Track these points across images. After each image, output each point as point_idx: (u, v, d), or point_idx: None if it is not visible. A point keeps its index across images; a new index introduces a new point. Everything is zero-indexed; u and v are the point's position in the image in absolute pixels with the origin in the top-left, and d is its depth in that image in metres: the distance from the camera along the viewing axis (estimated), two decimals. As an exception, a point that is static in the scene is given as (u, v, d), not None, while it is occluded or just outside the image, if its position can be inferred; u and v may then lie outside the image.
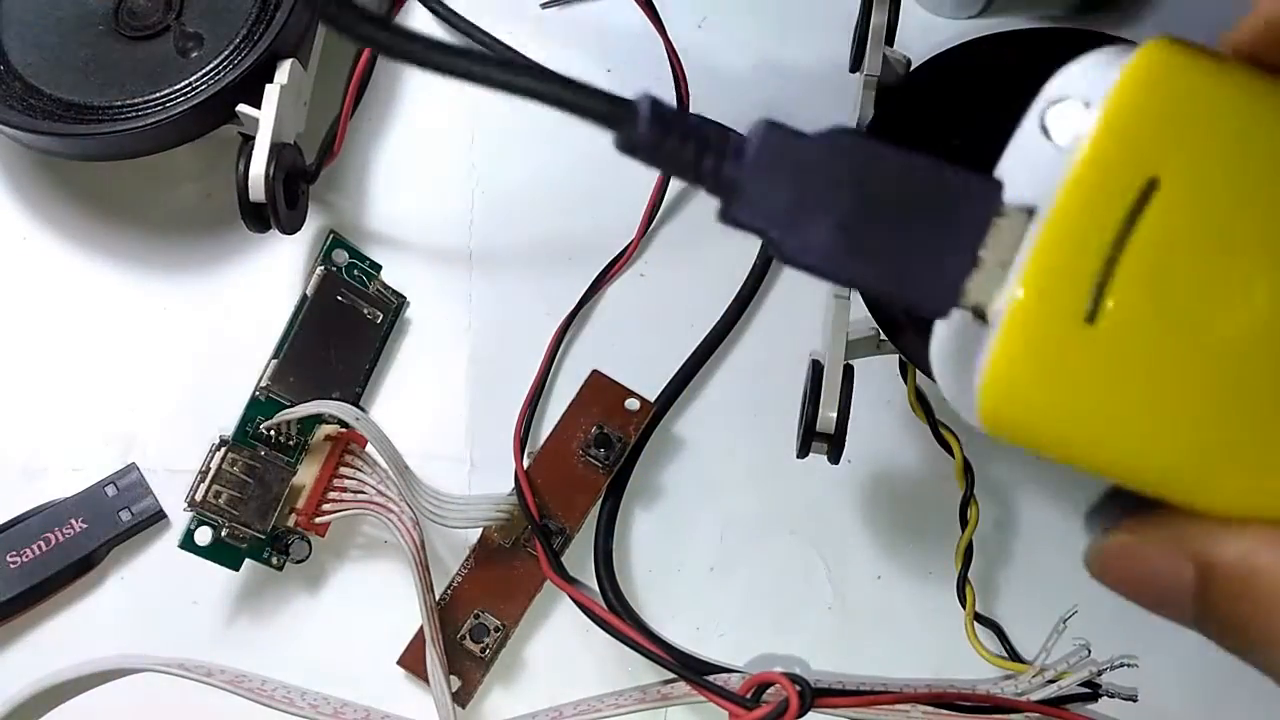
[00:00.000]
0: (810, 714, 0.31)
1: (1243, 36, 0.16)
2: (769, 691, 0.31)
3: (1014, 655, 0.34)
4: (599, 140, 0.44)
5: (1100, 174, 0.14)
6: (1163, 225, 0.14)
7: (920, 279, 0.15)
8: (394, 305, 0.37)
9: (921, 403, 0.33)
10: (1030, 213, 0.15)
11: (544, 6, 0.40)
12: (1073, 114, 0.15)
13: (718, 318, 0.37)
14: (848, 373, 0.31)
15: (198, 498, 0.32)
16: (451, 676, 0.34)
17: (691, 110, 0.37)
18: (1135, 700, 0.33)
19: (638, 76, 0.39)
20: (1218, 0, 0.39)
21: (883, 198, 0.15)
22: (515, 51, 0.39)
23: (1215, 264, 0.14)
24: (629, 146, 0.15)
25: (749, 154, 0.15)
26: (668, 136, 0.15)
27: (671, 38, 0.37)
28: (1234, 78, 0.15)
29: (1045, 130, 0.15)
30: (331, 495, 0.34)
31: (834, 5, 0.39)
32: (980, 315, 0.15)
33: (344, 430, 0.34)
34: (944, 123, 0.32)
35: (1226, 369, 0.14)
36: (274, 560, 0.34)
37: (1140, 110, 0.15)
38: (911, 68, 0.35)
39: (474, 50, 0.15)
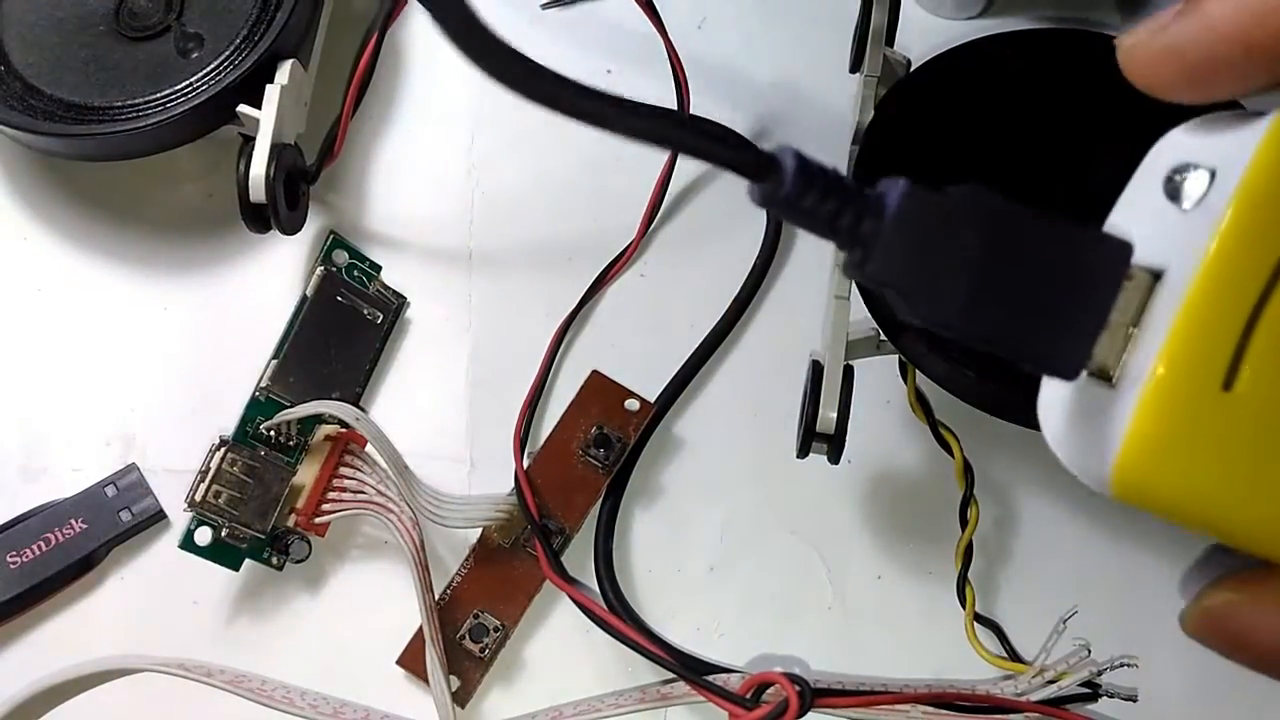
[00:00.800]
0: (810, 714, 0.31)
1: None
2: (769, 692, 0.31)
3: (1014, 655, 0.34)
4: (599, 141, 0.44)
5: (1241, 245, 0.15)
6: None
7: (1050, 340, 0.15)
8: (394, 305, 0.37)
9: (921, 403, 0.33)
10: (1156, 275, 0.15)
11: (544, 7, 0.40)
12: (1199, 181, 0.15)
13: (718, 318, 0.37)
14: (848, 373, 0.31)
15: (198, 498, 0.32)
16: (451, 676, 0.34)
17: (694, 111, 0.38)
18: (1135, 700, 0.32)
19: (638, 77, 0.39)
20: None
21: (1016, 257, 0.15)
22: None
23: None
24: (770, 200, 0.15)
25: (889, 211, 0.15)
26: (809, 191, 0.15)
27: (672, 38, 0.37)
28: None
29: (1172, 195, 0.15)
30: (331, 495, 0.34)
31: (834, 5, 0.39)
32: (1104, 377, 0.15)
33: (344, 430, 0.34)
34: (944, 123, 0.32)
35: None
36: (274, 560, 0.34)
37: (1277, 181, 0.15)
38: (911, 68, 0.35)
39: (616, 96, 0.15)
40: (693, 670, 0.33)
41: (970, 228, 0.15)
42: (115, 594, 0.35)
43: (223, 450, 0.33)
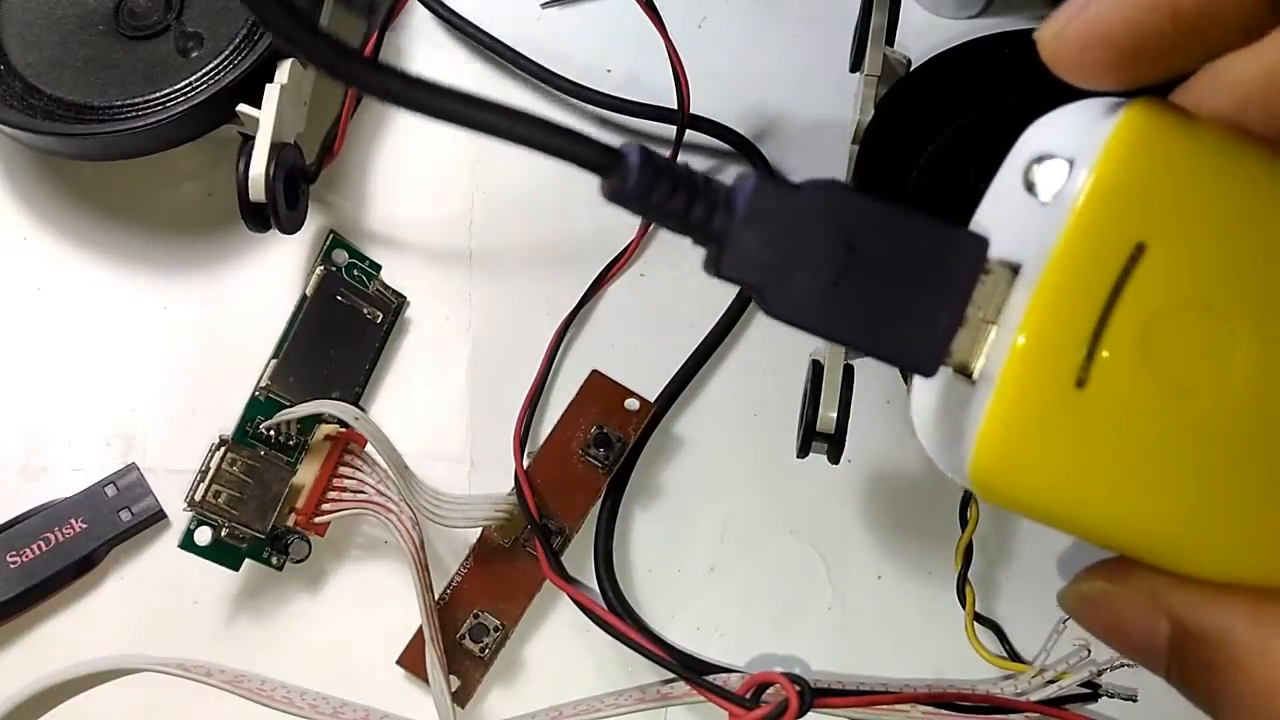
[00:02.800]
0: (810, 714, 0.31)
1: (1222, 104, 0.16)
2: (769, 691, 0.31)
3: (1014, 655, 0.34)
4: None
5: (1091, 238, 0.14)
6: (1149, 291, 0.14)
7: (907, 336, 0.15)
8: (394, 305, 0.37)
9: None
10: (1015, 269, 0.15)
11: (544, 6, 0.40)
12: (1058, 172, 0.15)
13: (718, 318, 0.37)
14: (848, 373, 0.31)
15: (197, 498, 0.32)
16: (451, 676, 0.34)
17: (693, 111, 0.38)
18: (1135, 700, 0.33)
19: (638, 76, 0.39)
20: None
21: (870, 252, 0.15)
22: (516, 52, 0.39)
23: (1200, 332, 0.14)
24: (617, 195, 0.15)
25: (739, 206, 0.15)
26: (656, 186, 0.15)
27: (672, 38, 0.37)
28: (1216, 142, 0.15)
29: (1029, 186, 0.15)
30: (331, 495, 0.34)
31: (834, 5, 0.39)
32: (965, 373, 0.15)
33: (344, 430, 0.34)
34: (944, 123, 0.32)
35: (1211, 437, 0.14)
36: (274, 560, 0.34)
37: (1128, 174, 0.14)
38: (911, 67, 0.35)
39: (463, 92, 0.15)
40: (693, 670, 0.33)
41: (823, 223, 0.15)
42: (115, 594, 0.35)
43: (223, 450, 0.33)
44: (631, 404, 0.36)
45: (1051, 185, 0.15)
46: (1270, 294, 0.14)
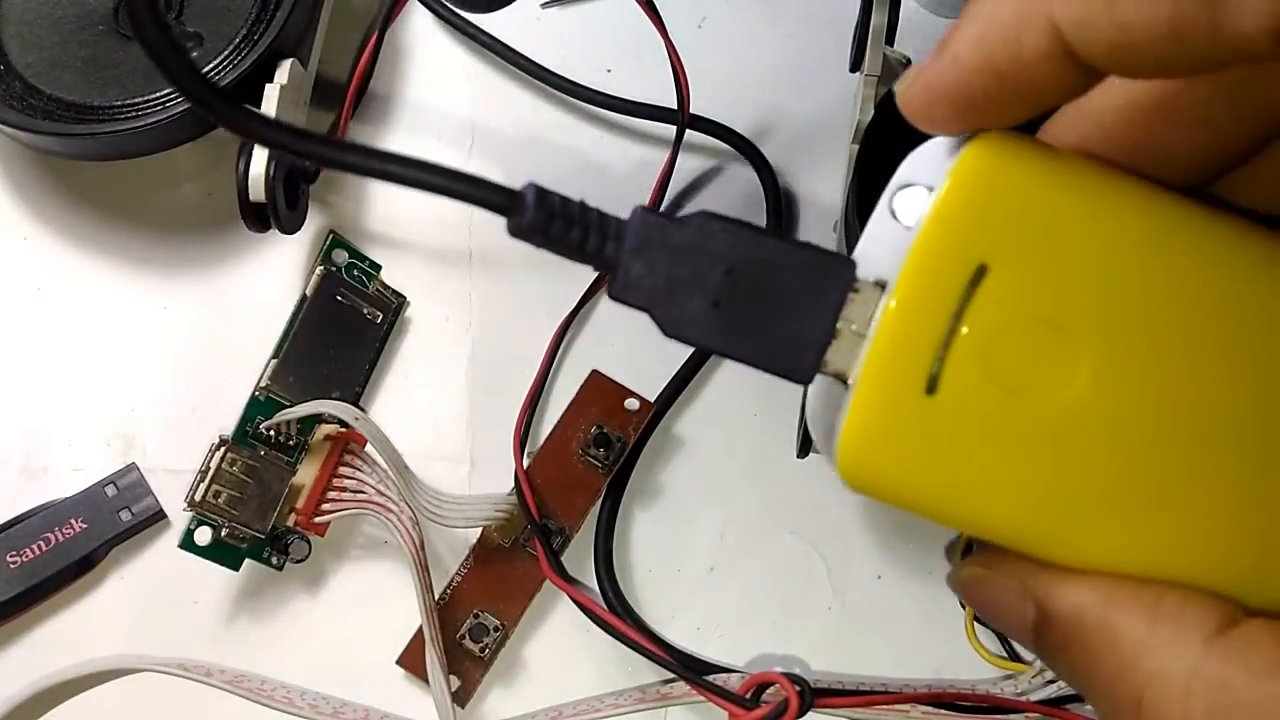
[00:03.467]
0: (810, 714, 0.31)
1: (1081, 135, 0.17)
2: (769, 691, 0.31)
3: (1014, 655, 0.34)
4: (600, 141, 0.44)
5: (935, 258, 0.16)
6: (992, 308, 0.16)
7: (786, 350, 0.16)
8: (394, 305, 0.37)
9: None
10: (882, 287, 0.16)
11: (544, 6, 0.40)
12: (917, 198, 0.16)
13: (718, 318, 0.37)
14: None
15: (197, 498, 0.32)
16: (451, 676, 0.34)
17: (693, 111, 0.38)
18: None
19: (638, 77, 0.39)
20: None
21: (748, 276, 0.16)
22: (516, 53, 0.39)
23: (1041, 344, 0.16)
24: (518, 231, 0.17)
25: (628, 238, 0.17)
26: (552, 222, 0.17)
27: (672, 38, 0.37)
28: (1059, 170, 0.16)
29: (894, 213, 0.16)
30: (331, 495, 0.34)
31: (834, 5, 0.39)
32: (842, 381, 0.16)
33: (344, 430, 0.34)
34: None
35: (1055, 439, 0.16)
36: (274, 560, 0.34)
37: (968, 201, 0.16)
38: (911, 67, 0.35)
39: (368, 147, 0.17)
40: (693, 670, 0.33)
41: (704, 251, 0.16)
42: (115, 594, 0.35)
43: (223, 450, 0.33)
44: (631, 404, 0.36)
45: (912, 211, 0.16)
46: (1111, 307, 0.16)
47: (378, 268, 0.37)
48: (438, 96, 0.39)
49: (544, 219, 0.17)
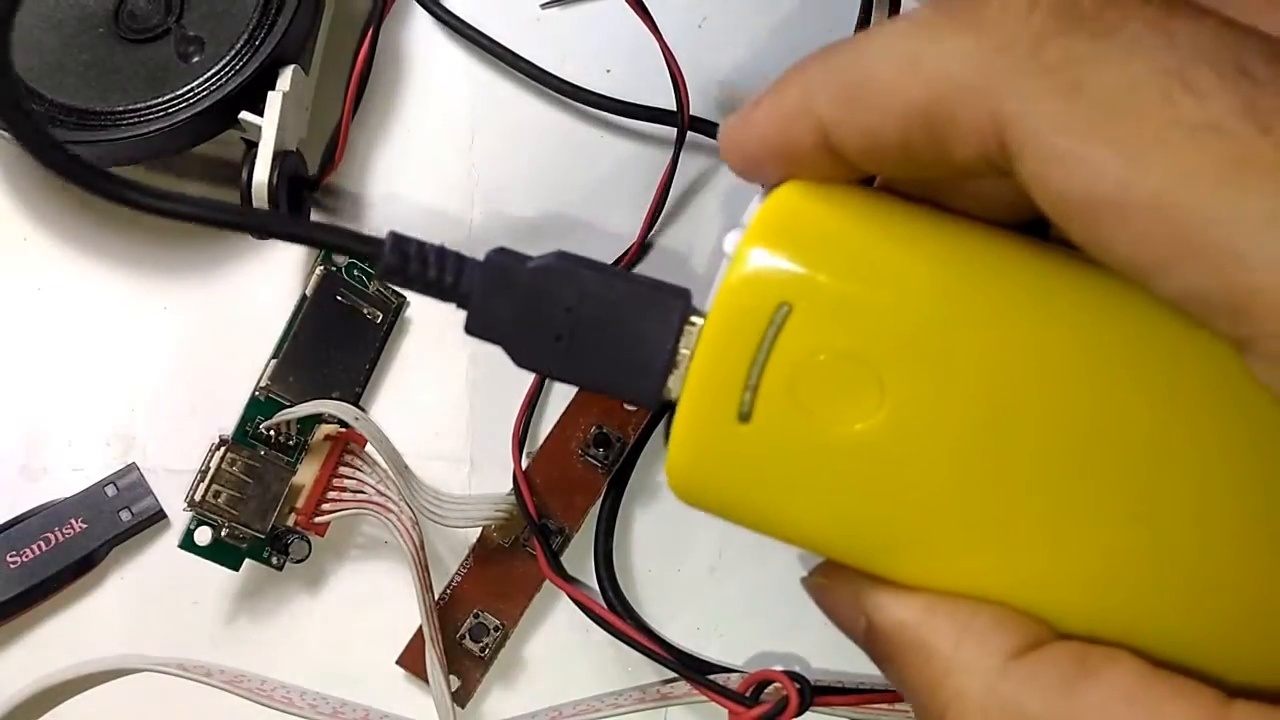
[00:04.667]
0: (810, 713, 0.31)
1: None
2: (768, 689, 0.31)
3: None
4: (600, 142, 0.44)
5: (738, 295, 0.17)
6: (797, 342, 0.17)
7: (630, 379, 0.17)
8: (394, 305, 0.37)
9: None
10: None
11: (544, 7, 0.40)
12: (736, 239, 0.17)
13: (717, 318, 0.37)
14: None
15: (197, 498, 0.32)
16: (451, 676, 0.34)
17: (691, 112, 0.38)
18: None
19: (637, 77, 0.39)
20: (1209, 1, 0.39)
21: (590, 312, 0.17)
22: (516, 55, 0.39)
23: (844, 376, 0.17)
24: (383, 273, 0.18)
25: (479, 278, 0.18)
26: (409, 264, 0.18)
27: (672, 38, 0.37)
28: (860, 211, 0.17)
29: (725, 251, 0.18)
30: (331, 495, 0.34)
31: (834, 5, 0.39)
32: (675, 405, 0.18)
33: (344, 430, 0.34)
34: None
35: (862, 465, 0.17)
36: (274, 560, 0.34)
37: (768, 241, 0.17)
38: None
39: (247, 209, 0.18)
40: (693, 669, 0.33)
41: (548, 290, 0.18)
42: (115, 594, 0.35)
43: (223, 450, 0.33)
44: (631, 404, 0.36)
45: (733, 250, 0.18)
46: (910, 339, 0.16)
47: (378, 268, 0.37)
48: (437, 99, 0.40)
49: (401, 262, 0.18)
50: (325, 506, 0.34)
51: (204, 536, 0.33)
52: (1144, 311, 0.16)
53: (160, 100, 0.35)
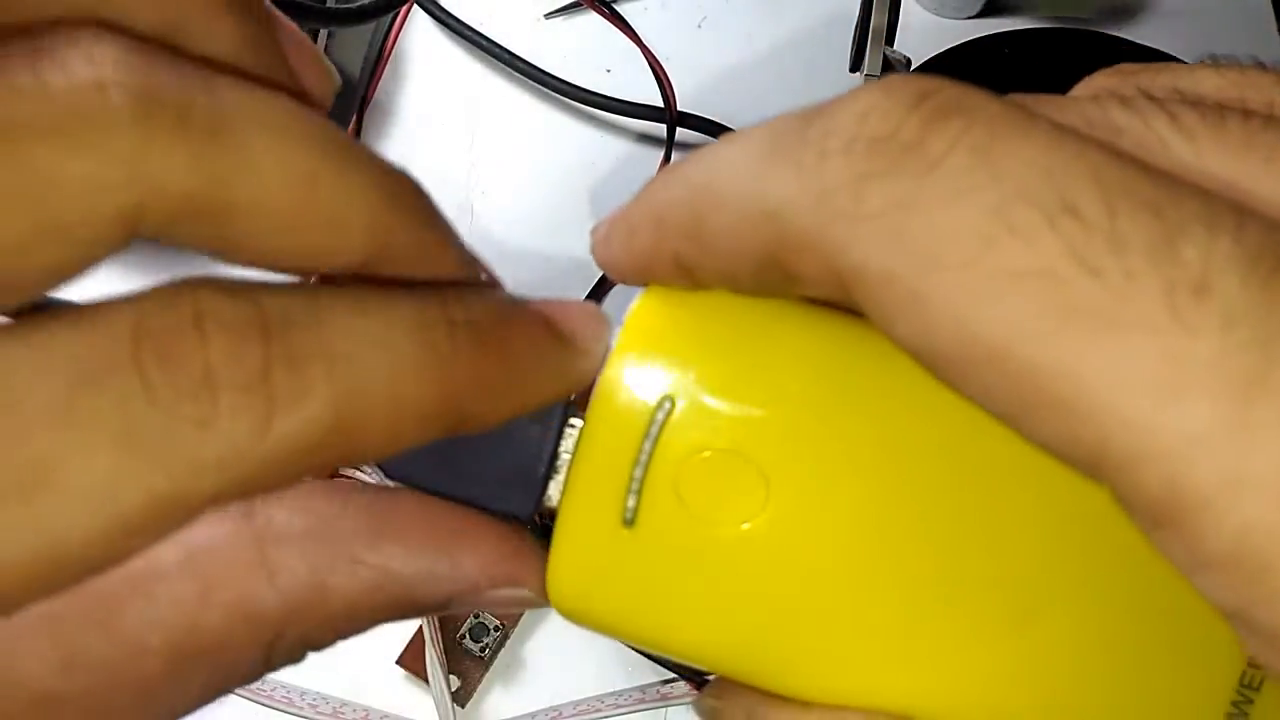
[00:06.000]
0: (810, 714, 0.31)
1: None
2: (769, 691, 0.31)
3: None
4: (599, 142, 0.44)
5: (613, 396, 0.16)
6: (678, 440, 0.16)
7: (508, 489, 0.16)
8: (394, 305, 0.37)
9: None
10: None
11: (548, 16, 0.40)
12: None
13: (717, 318, 0.37)
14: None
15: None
16: (451, 676, 0.34)
17: (693, 110, 0.38)
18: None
19: (638, 76, 0.39)
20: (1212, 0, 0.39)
21: None
22: (515, 56, 0.39)
23: (727, 474, 0.16)
24: None
25: None
26: None
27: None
28: (732, 309, 0.16)
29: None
30: (331, 495, 0.34)
31: (834, 5, 0.39)
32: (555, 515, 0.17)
33: (344, 430, 0.34)
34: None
35: (748, 568, 0.16)
36: (274, 560, 0.34)
37: (638, 342, 0.16)
38: (911, 68, 0.35)
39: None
40: (693, 670, 0.33)
41: None
42: (115, 594, 0.35)
43: (223, 450, 0.33)
44: (631, 404, 0.36)
45: None
46: (788, 435, 0.16)
47: (378, 268, 0.37)
48: (438, 98, 0.40)
49: None
50: (325, 507, 0.33)
51: (204, 537, 0.33)
52: None
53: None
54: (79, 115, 0.11)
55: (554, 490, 0.16)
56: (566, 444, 0.16)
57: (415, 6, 0.40)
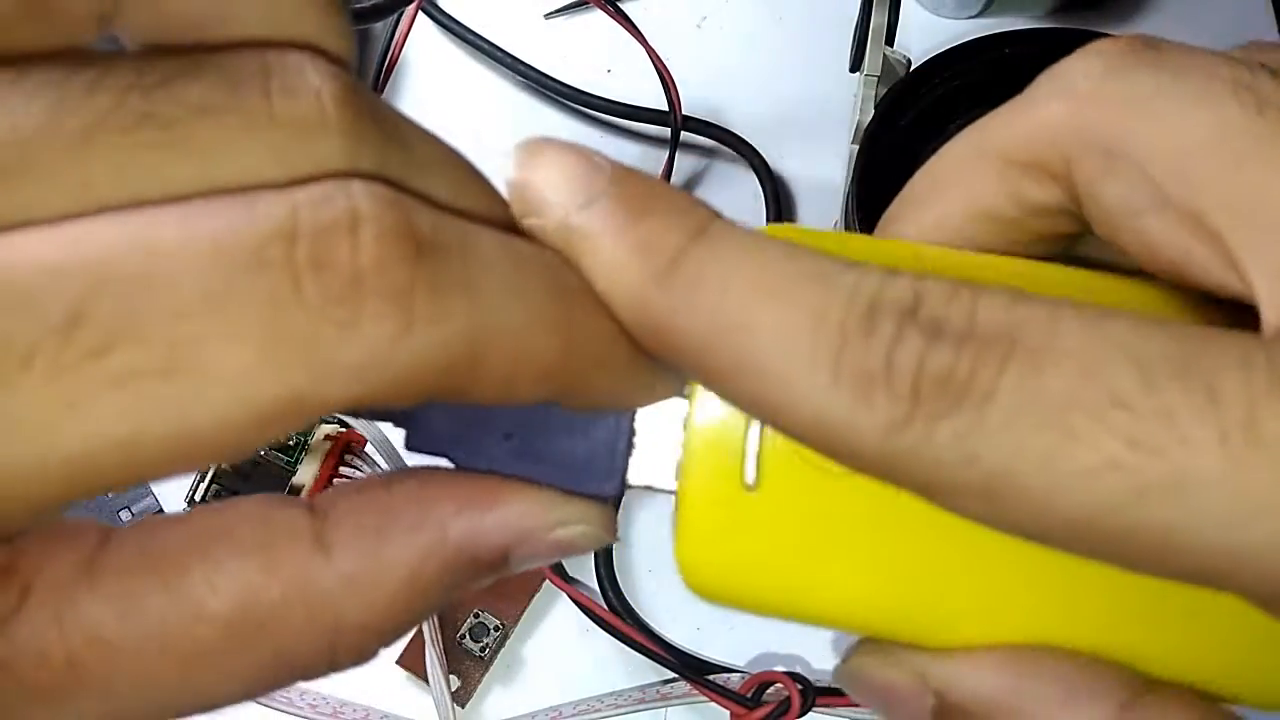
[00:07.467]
0: (811, 714, 0.31)
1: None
2: (770, 690, 0.31)
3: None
4: (600, 144, 0.44)
5: None
6: None
7: (588, 469, 0.16)
8: (394, 305, 0.37)
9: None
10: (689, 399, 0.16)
11: (548, 16, 0.40)
12: None
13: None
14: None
15: (197, 497, 0.32)
16: (451, 676, 0.34)
17: (692, 111, 0.38)
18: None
19: (638, 76, 0.39)
20: None
21: (534, 408, 0.16)
22: (516, 59, 0.39)
23: None
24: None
25: None
26: None
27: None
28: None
29: None
30: (331, 495, 0.34)
31: (834, 5, 0.39)
32: (662, 492, 0.16)
33: (344, 430, 0.34)
34: (944, 123, 0.32)
35: (893, 513, 0.15)
36: (274, 560, 0.34)
37: None
38: (911, 67, 0.35)
39: None
40: (693, 670, 0.33)
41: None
42: (115, 594, 0.35)
43: (223, 450, 0.33)
44: (631, 404, 0.36)
45: None
46: None
47: (378, 268, 0.37)
48: (438, 101, 0.40)
49: None
50: (325, 506, 0.33)
51: (204, 536, 0.33)
52: None
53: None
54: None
55: (638, 467, 0.16)
56: (645, 420, 0.16)
57: (418, 10, 0.40)
